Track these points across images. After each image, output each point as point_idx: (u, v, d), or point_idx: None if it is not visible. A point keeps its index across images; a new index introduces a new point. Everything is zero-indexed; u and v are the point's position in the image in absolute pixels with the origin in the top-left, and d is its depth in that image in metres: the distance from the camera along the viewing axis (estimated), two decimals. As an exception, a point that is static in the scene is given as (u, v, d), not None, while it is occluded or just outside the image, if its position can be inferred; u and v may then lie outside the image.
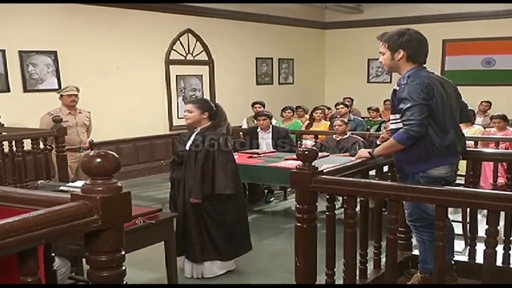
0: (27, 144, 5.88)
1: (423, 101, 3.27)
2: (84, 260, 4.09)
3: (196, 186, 4.50)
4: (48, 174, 5.82)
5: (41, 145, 5.85)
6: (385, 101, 11.01)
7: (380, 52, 3.55)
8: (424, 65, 3.52)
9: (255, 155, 6.80)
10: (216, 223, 4.64)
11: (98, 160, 1.64)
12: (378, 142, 6.68)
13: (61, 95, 6.61)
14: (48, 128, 5.96)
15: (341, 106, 9.20)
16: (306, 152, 3.01)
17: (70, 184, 4.65)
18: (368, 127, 9.62)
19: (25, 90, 7.92)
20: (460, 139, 3.55)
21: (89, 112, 6.93)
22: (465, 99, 3.77)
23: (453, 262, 3.66)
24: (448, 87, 3.52)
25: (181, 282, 4.32)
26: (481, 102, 10.67)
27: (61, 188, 4.18)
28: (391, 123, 3.55)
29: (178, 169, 6.86)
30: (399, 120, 3.37)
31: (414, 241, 3.99)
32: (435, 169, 3.42)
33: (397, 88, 3.42)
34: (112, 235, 1.68)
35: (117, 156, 1.69)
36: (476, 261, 3.77)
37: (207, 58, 10.70)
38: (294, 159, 6.09)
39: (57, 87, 7.91)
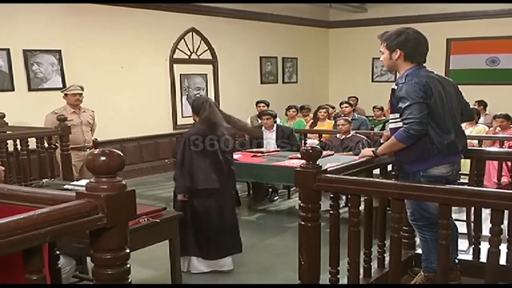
0: (32, 143, 5.90)
1: (421, 100, 3.28)
2: (89, 258, 4.12)
3: (178, 181, 4.68)
4: (53, 173, 5.84)
5: (46, 144, 5.86)
6: (389, 101, 10.98)
7: (380, 51, 3.57)
8: (424, 64, 3.52)
9: (259, 154, 6.80)
10: (198, 220, 4.68)
11: (103, 158, 1.64)
12: (381, 141, 6.67)
13: (65, 94, 6.62)
14: (53, 127, 5.98)
15: (346, 105, 9.19)
16: (310, 151, 3.02)
17: (75, 182, 4.67)
18: (373, 126, 9.60)
19: (30, 89, 7.95)
20: (461, 138, 3.54)
21: (93, 111, 6.94)
22: (470, 98, 3.76)
23: (457, 261, 3.66)
24: (448, 86, 3.52)
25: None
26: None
27: (66, 186, 4.20)
28: (390, 122, 3.56)
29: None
30: (398, 119, 3.38)
31: (418, 240, 3.99)
32: (436, 168, 3.42)
33: (396, 87, 3.44)
34: (116, 233, 1.68)
35: (121, 154, 1.69)
36: (480, 260, 3.77)
37: (211, 57, 10.71)
38: (298, 158, 6.09)
39: (61, 86, 7.92)
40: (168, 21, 9.75)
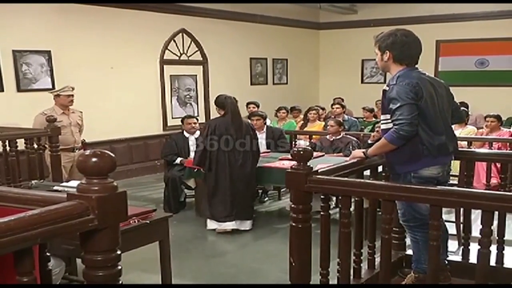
0: (21, 144, 5.85)
1: (412, 101, 3.29)
2: (78, 260, 4.08)
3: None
4: (42, 174, 5.78)
5: (35, 145, 5.82)
6: (376, 101, 10.98)
7: (375, 52, 3.60)
8: (416, 66, 3.54)
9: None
10: (208, 191, 6.12)
11: (94, 159, 1.64)
12: (369, 142, 6.71)
13: (58, 95, 6.58)
14: (42, 128, 5.94)
15: (337, 106, 9.18)
16: (301, 152, 3.02)
17: (64, 184, 4.63)
18: (362, 127, 9.61)
19: (19, 89, 7.88)
20: (451, 139, 3.56)
21: (81, 112, 6.91)
22: (458, 100, 3.79)
23: (446, 262, 3.68)
24: (439, 87, 3.54)
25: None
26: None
27: (55, 188, 4.16)
28: (381, 123, 3.58)
29: (172, 169, 6.96)
30: (389, 120, 3.39)
31: (408, 241, 4.00)
32: (426, 169, 3.44)
33: (387, 88, 3.45)
34: (107, 234, 1.68)
35: (113, 155, 1.69)
36: (470, 261, 3.78)
37: (201, 58, 10.69)
38: (289, 159, 6.09)
39: (50, 86, 7.88)
40: (158, 22, 9.72)
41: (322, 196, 3.16)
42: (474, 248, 3.19)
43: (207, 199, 6.15)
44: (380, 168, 3.87)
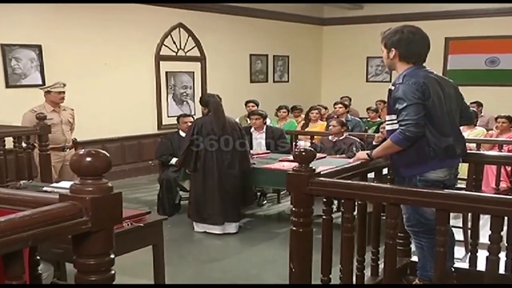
0: (9, 143, 5.71)
1: (418, 101, 3.21)
2: (67, 264, 3.97)
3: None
4: (30, 174, 5.63)
5: (24, 144, 5.67)
6: (377, 101, 10.86)
7: (381, 49, 3.52)
8: (424, 64, 3.45)
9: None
10: (192, 194, 6.20)
11: (89, 159, 1.62)
12: (374, 143, 6.61)
13: (48, 91, 6.43)
14: (31, 125, 5.81)
15: (339, 105, 9.03)
16: (303, 153, 2.96)
17: (54, 184, 4.55)
18: (366, 127, 9.43)
19: (7, 85, 7.72)
20: (459, 141, 3.48)
21: (73, 110, 6.76)
22: (468, 100, 3.71)
23: (453, 269, 3.59)
24: (448, 87, 3.46)
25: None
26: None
27: (45, 188, 4.08)
28: (387, 124, 3.50)
29: (167, 170, 6.84)
30: (395, 121, 3.30)
31: (413, 247, 3.90)
32: (433, 172, 3.35)
33: (393, 88, 3.38)
34: (101, 237, 1.65)
35: (108, 155, 1.67)
36: (478, 269, 3.68)
37: (199, 54, 10.55)
38: (289, 161, 5.98)
39: (40, 82, 7.73)
40: (155, 16, 9.58)
41: (324, 199, 3.07)
42: (482, 255, 3.10)
43: (195, 200, 6.08)
44: (385, 171, 3.79)
